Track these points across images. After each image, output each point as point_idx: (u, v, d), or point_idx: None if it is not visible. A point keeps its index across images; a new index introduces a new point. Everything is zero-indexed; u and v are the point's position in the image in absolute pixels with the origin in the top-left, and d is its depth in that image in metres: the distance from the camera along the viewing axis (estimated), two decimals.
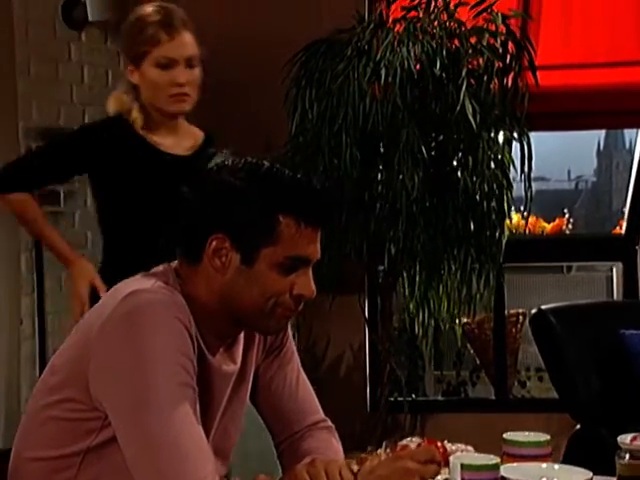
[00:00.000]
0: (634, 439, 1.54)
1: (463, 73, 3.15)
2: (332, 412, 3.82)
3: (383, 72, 3.17)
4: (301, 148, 3.32)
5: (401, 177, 3.13)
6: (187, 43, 2.41)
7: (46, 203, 3.49)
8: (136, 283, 1.48)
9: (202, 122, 3.65)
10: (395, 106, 3.17)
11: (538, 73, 3.32)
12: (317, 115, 3.29)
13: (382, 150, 3.21)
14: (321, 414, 1.74)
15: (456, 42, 3.24)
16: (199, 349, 1.50)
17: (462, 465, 1.46)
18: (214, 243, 1.48)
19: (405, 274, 3.33)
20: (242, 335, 1.62)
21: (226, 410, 1.61)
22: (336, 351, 3.89)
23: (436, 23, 3.28)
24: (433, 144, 3.29)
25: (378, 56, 3.21)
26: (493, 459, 1.48)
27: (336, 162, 3.21)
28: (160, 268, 1.55)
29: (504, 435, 1.61)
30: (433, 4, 3.34)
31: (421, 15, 3.34)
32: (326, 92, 3.27)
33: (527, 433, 1.62)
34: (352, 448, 3.44)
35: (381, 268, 3.41)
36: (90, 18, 3.57)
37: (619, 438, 1.56)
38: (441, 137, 3.28)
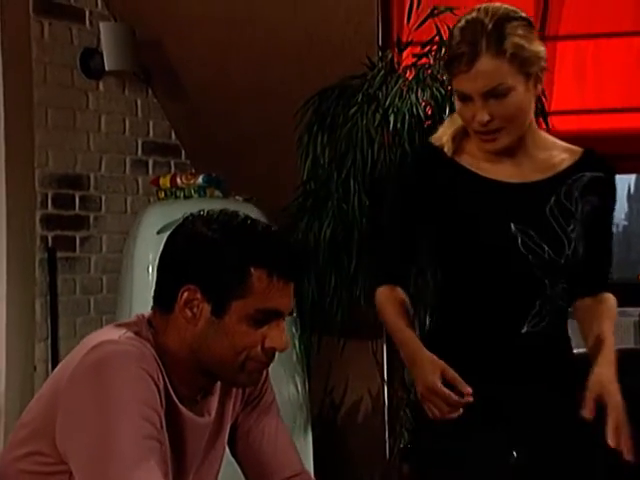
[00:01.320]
0: None
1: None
2: (350, 459, 3.80)
3: (392, 118, 3.17)
4: (312, 194, 3.32)
5: None
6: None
7: (61, 249, 3.55)
8: (104, 334, 1.47)
9: (215, 167, 3.72)
10: (403, 152, 3.16)
11: (556, 118, 3.30)
12: (328, 161, 3.30)
13: None
14: (300, 466, 1.70)
15: None
16: (170, 401, 1.48)
17: None
18: (185, 294, 1.47)
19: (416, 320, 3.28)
20: (219, 385, 1.60)
21: (202, 462, 1.59)
22: (354, 397, 3.84)
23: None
24: None
25: (387, 102, 3.21)
26: None
27: (345, 207, 3.21)
28: (133, 318, 1.54)
29: None
30: (443, 51, 3.34)
31: (432, 62, 3.35)
32: (336, 138, 3.28)
33: None
34: None
35: None
36: (107, 67, 3.62)
37: None
38: None
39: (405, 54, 3.51)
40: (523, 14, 1.81)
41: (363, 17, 3.58)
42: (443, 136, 1.91)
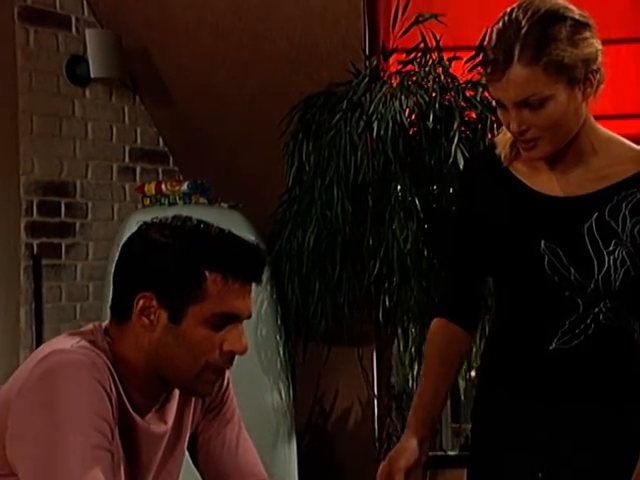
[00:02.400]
0: None
1: (455, 126, 3.11)
2: (339, 466, 3.77)
3: (375, 125, 3.15)
4: (296, 201, 3.31)
5: (392, 230, 3.09)
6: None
7: (47, 256, 3.53)
8: (56, 343, 1.45)
9: (202, 174, 3.70)
10: (387, 159, 3.14)
11: None
12: (313, 167, 3.28)
13: (371, 203, 3.17)
14: (261, 475, 1.68)
15: (450, 95, 3.22)
16: (124, 411, 1.46)
17: None
18: (141, 302, 1.45)
19: (400, 328, 3.27)
20: (177, 393, 1.57)
21: (160, 470, 1.57)
22: (344, 403, 3.82)
23: (430, 77, 3.26)
24: (428, 196, 3.25)
25: (371, 109, 3.19)
26: None
27: (329, 214, 3.19)
28: (89, 326, 1.52)
29: None
30: (429, 58, 3.32)
31: (417, 69, 3.33)
32: (320, 145, 3.26)
33: None
34: None
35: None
36: (93, 75, 3.60)
37: None
38: (435, 189, 3.24)
39: (392, 61, 3.50)
40: (574, 12, 1.59)
41: (350, 24, 3.56)
42: (502, 141, 1.75)
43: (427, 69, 3.28)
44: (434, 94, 3.22)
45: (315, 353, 3.45)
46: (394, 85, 3.28)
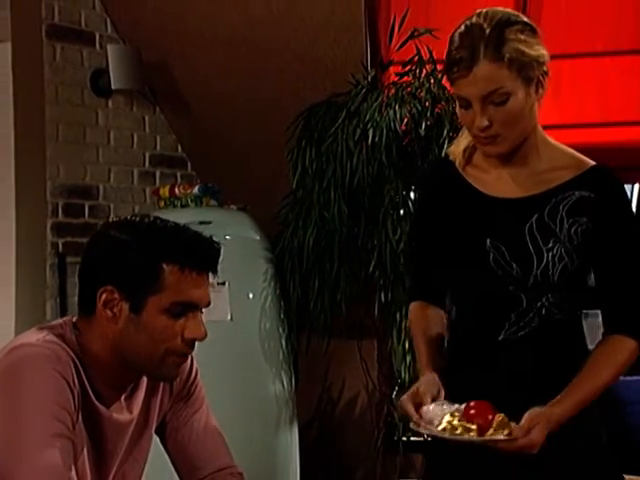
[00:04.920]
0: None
1: (445, 133, 3.28)
2: (342, 450, 3.93)
3: (370, 132, 3.33)
4: (298, 203, 3.50)
5: (386, 230, 3.27)
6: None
7: (71, 254, 3.73)
8: (25, 337, 1.52)
9: (218, 178, 3.90)
10: (381, 164, 3.32)
11: None
12: (313, 172, 3.47)
13: (366, 205, 3.35)
14: (229, 461, 1.74)
15: (441, 105, 3.39)
16: (88, 401, 1.52)
17: None
18: (104, 295, 1.52)
19: (394, 324, 3.44)
20: (145, 384, 1.65)
21: (126, 457, 1.64)
22: (346, 393, 3.99)
23: (423, 87, 3.43)
24: None
25: (367, 117, 3.37)
26: None
27: (327, 215, 3.38)
28: (59, 320, 1.59)
29: None
30: (423, 70, 3.49)
31: (412, 80, 3.50)
32: (320, 151, 3.45)
33: None
34: None
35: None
36: (113, 87, 3.82)
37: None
38: None
39: (391, 72, 3.68)
40: (524, 18, 1.74)
41: (351, 39, 3.73)
42: (457, 148, 1.86)
43: (421, 80, 3.46)
44: (427, 103, 3.39)
45: (317, 346, 3.64)
46: (390, 95, 3.46)
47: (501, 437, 1.59)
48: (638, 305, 1.76)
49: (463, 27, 1.72)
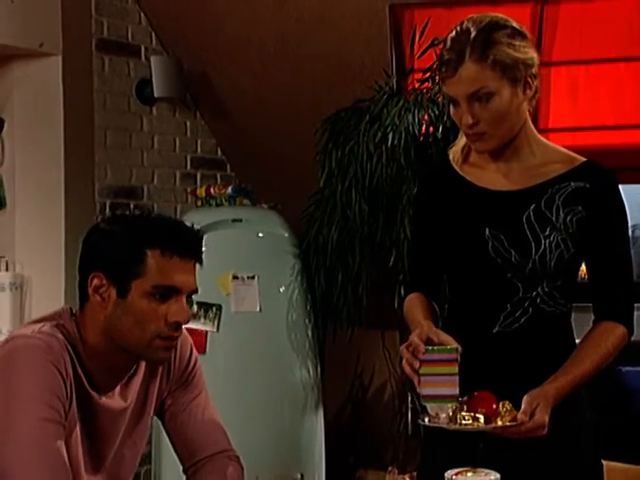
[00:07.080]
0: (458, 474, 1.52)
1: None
2: (365, 434, 4.10)
3: (390, 136, 3.51)
4: (322, 202, 3.70)
5: (403, 228, 3.45)
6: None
7: None
8: (21, 329, 1.63)
9: (255, 178, 4.12)
10: (399, 166, 3.50)
11: (552, 135, 3.56)
12: (337, 173, 3.67)
13: (385, 204, 3.53)
14: (226, 445, 1.81)
15: None
16: (82, 389, 1.60)
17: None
18: (94, 281, 1.61)
19: None
20: (143, 370, 1.72)
21: (124, 442, 1.72)
22: (375, 380, 4.17)
23: (441, 93, 3.59)
24: None
25: (387, 121, 3.56)
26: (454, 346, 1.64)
27: (349, 214, 3.57)
28: (58, 310, 1.69)
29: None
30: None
31: (431, 86, 3.67)
32: (344, 153, 3.65)
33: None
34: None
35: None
36: (156, 95, 4.07)
37: (446, 474, 1.53)
38: None
39: (414, 79, 3.86)
40: (512, 23, 1.81)
41: (378, 47, 3.90)
42: (456, 147, 1.95)
43: (439, 86, 3.62)
44: (444, 108, 3.55)
45: (342, 336, 3.83)
46: (409, 100, 3.64)
47: (508, 423, 1.65)
48: (626, 293, 1.84)
49: (454, 31, 1.82)
